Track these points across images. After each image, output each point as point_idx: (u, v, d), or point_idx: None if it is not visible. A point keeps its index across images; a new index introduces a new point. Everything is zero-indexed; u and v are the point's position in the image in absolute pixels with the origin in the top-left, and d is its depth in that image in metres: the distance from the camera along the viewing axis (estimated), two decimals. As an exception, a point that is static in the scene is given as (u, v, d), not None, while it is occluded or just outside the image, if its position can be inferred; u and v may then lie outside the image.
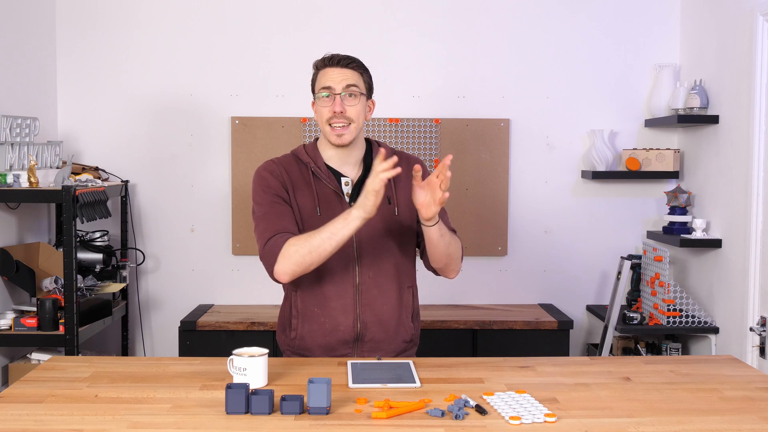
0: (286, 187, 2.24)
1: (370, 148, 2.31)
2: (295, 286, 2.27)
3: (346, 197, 2.24)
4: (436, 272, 2.31)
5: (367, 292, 2.24)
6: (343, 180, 2.25)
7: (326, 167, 2.25)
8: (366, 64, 2.27)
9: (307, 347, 2.26)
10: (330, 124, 2.19)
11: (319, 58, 2.24)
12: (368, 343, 2.25)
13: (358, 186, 2.24)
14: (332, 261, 2.18)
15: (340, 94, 2.17)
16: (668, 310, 3.56)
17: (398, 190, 2.27)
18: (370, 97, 2.28)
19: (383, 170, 1.97)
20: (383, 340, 2.26)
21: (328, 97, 2.18)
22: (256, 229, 2.22)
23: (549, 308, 3.91)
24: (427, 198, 2.05)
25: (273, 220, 2.19)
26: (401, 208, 2.26)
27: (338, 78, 2.18)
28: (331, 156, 2.26)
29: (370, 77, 2.27)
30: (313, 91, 2.26)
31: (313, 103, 2.25)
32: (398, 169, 1.98)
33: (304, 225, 2.20)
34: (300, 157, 2.28)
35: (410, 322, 2.32)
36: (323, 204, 2.22)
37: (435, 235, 2.13)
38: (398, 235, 2.27)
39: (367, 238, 2.22)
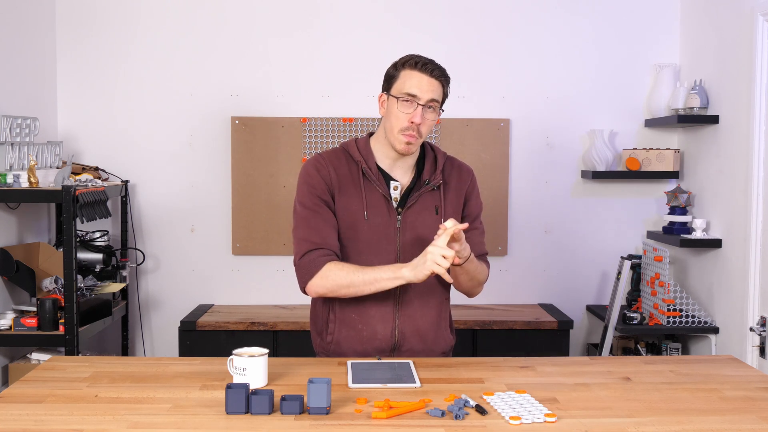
0: (332, 189, 2.17)
1: (424, 152, 2.25)
2: None
3: (393, 202, 2.18)
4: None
5: (408, 302, 2.20)
6: (393, 184, 2.18)
7: (377, 169, 2.18)
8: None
9: (343, 352, 2.22)
10: (401, 131, 2.11)
11: (408, 56, 2.14)
12: (406, 353, 2.22)
13: (408, 192, 2.19)
14: None
15: (423, 105, 2.10)
16: (668, 310, 3.56)
17: (446, 202, 2.21)
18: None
19: (443, 256, 1.96)
20: (421, 351, 2.23)
21: (409, 103, 2.10)
22: (294, 231, 2.16)
23: (549, 308, 3.91)
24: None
25: (314, 229, 2.13)
26: (447, 219, 2.18)
27: (426, 88, 2.10)
28: (384, 157, 2.19)
29: (449, 88, 2.19)
30: (388, 86, 2.15)
31: (382, 97, 2.18)
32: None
33: (351, 229, 2.15)
34: (351, 153, 2.20)
35: (449, 334, 2.30)
36: (371, 208, 2.15)
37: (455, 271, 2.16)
38: None
39: (412, 248, 2.16)
